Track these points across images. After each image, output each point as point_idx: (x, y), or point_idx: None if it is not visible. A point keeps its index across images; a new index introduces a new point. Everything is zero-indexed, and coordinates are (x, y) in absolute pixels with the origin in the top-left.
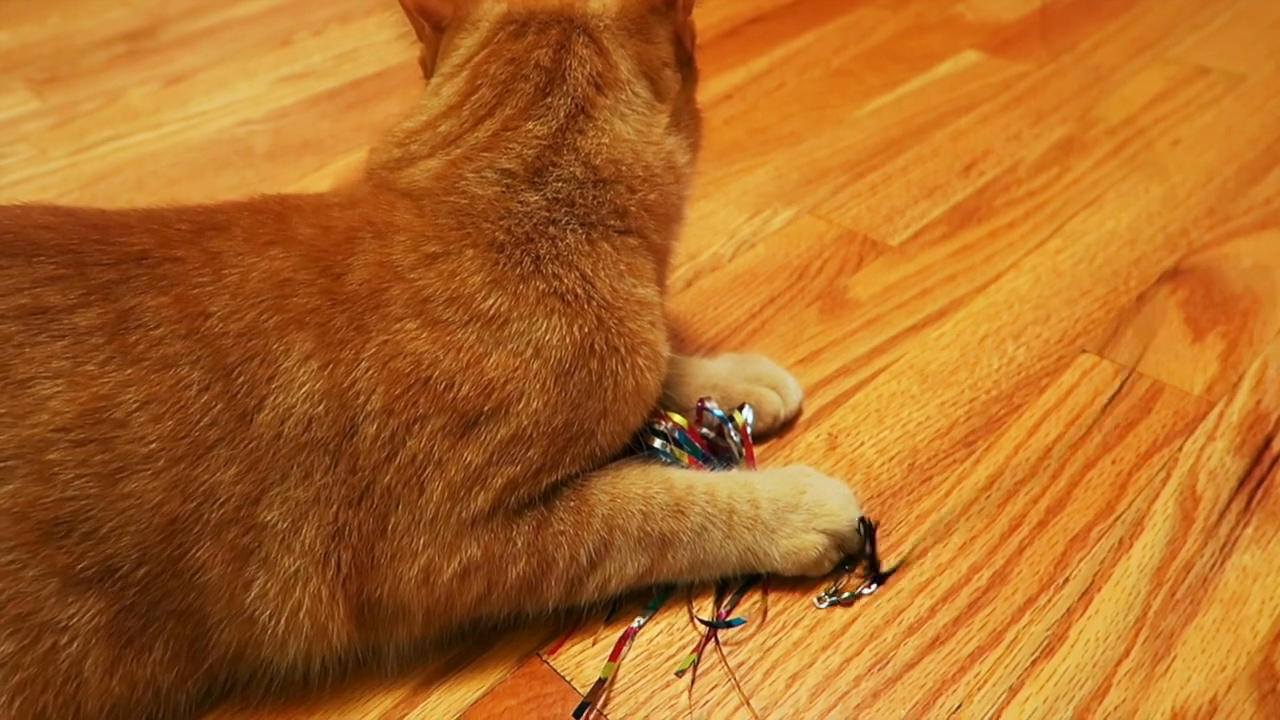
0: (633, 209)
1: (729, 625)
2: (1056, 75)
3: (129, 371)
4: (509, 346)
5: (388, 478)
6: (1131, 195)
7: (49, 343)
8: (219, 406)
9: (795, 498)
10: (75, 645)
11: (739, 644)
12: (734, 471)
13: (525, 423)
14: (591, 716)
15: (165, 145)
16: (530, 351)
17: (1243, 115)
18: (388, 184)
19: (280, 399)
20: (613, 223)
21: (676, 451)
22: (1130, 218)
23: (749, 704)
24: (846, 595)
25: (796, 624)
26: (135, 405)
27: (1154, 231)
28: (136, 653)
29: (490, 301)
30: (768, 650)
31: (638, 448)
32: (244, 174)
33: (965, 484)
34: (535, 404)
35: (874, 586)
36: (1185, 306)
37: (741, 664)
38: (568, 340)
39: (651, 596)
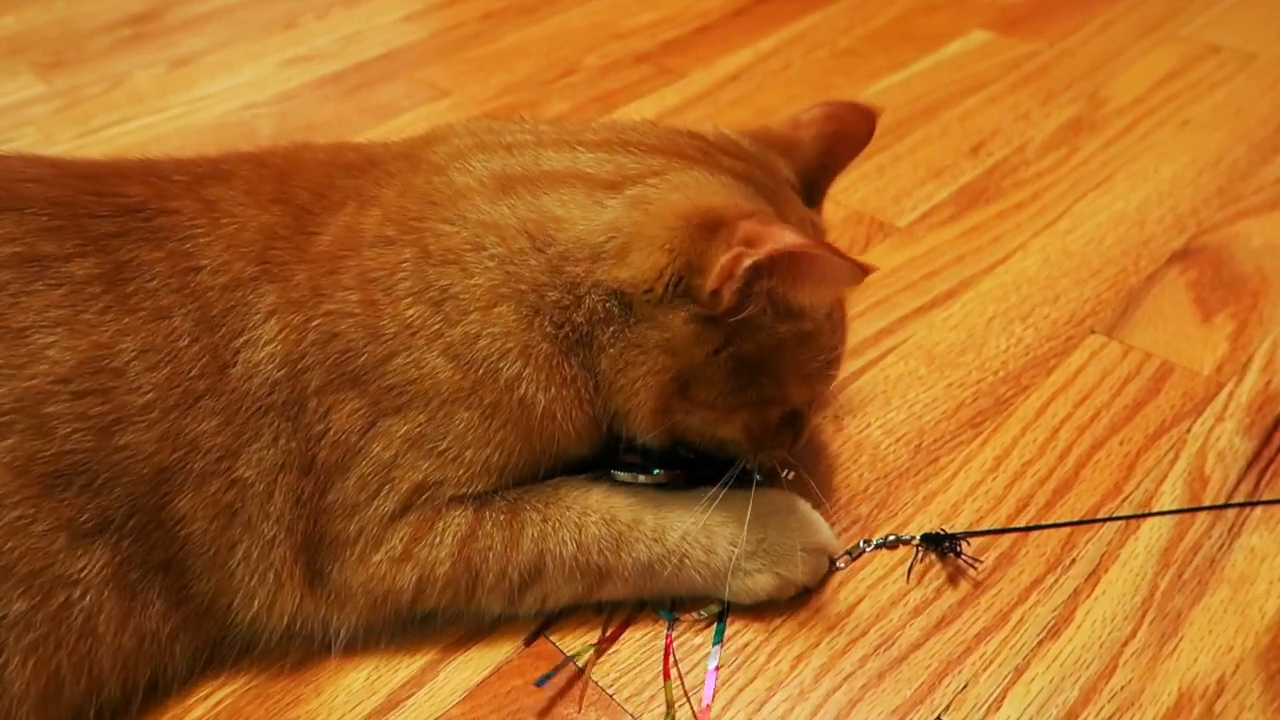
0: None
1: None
2: (1066, 54)
3: (126, 320)
4: (413, 355)
5: (324, 453)
6: (1141, 175)
7: (46, 291)
8: (206, 358)
9: (754, 545)
10: (89, 599)
11: (745, 624)
12: (697, 506)
13: (419, 430)
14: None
15: (171, 128)
16: (426, 370)
17: (1254, 94)
18: (413, 154)
19: (249, 354)
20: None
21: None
22: (1140, 198)
23: (686, 699)
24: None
25: (802, 605)
26: (133, 354)
27: (1164, 212)
28: (142, 605)
29: (410, 310)
30: (773, 630)
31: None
32: None
33: (972, 465)
34: (422, 418)
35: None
36: (1195, 287)
37: (747, 644)
38: (456, 376)
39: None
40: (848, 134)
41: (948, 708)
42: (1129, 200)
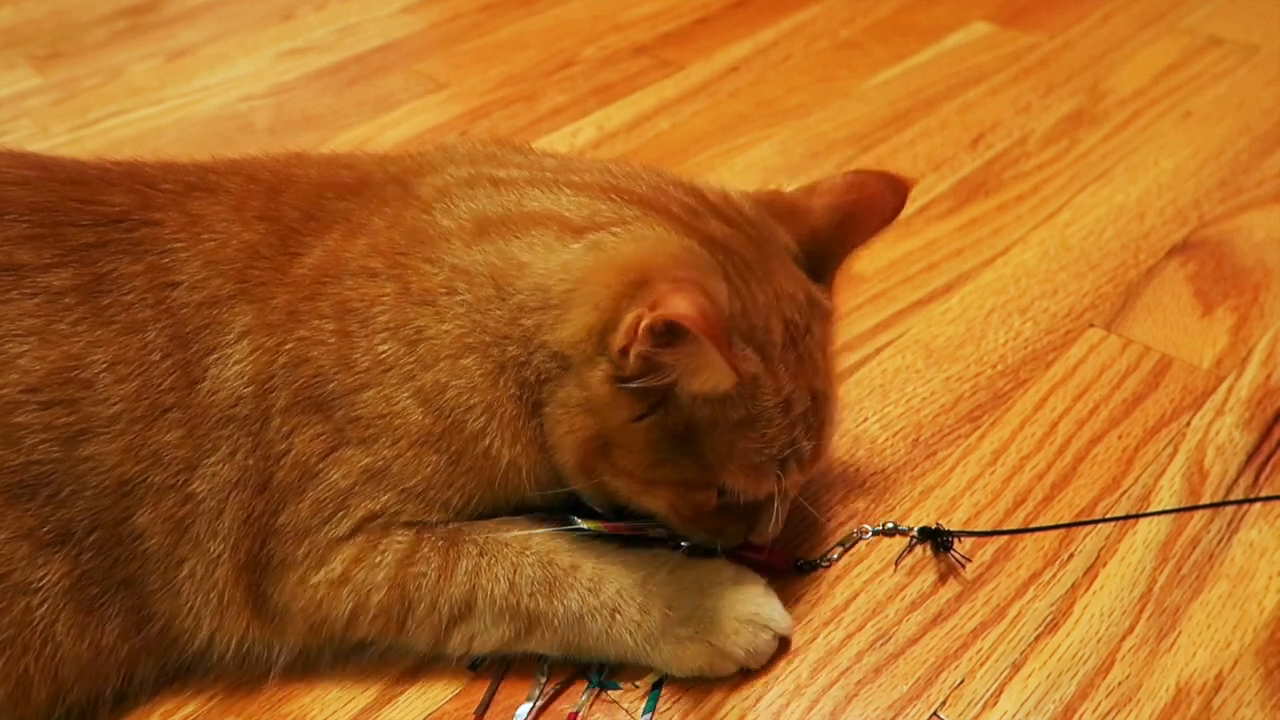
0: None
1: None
2: (1067, 47)
3: (100, 332)
4: (384, 391)
5: (281, 473)
6: (1142, 168)
7: (20, 300)
8: (177, 374)
9: (690, 610)
10: (46, 607)
11: None
12: (641, 562)
13: (381, 464)
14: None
15: (167, 121)
16: (397, 409)
17: (1256, 87)
18: (406, 181)
19: (218, 371)
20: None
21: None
22: (1140, 191)
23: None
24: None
25: (798, 599)
26: (103, 366)
27: (1164, 205)
28: (99, 620)
29: (384, 346)
30: None
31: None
32: (246, 149)
33: (970, 459)
34: (387, 453)
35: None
36: (1195, 280)
37: None
38: (427, 421)
39: None
40: (870, 205)
41: (944, 703)
42: (1129, 193)
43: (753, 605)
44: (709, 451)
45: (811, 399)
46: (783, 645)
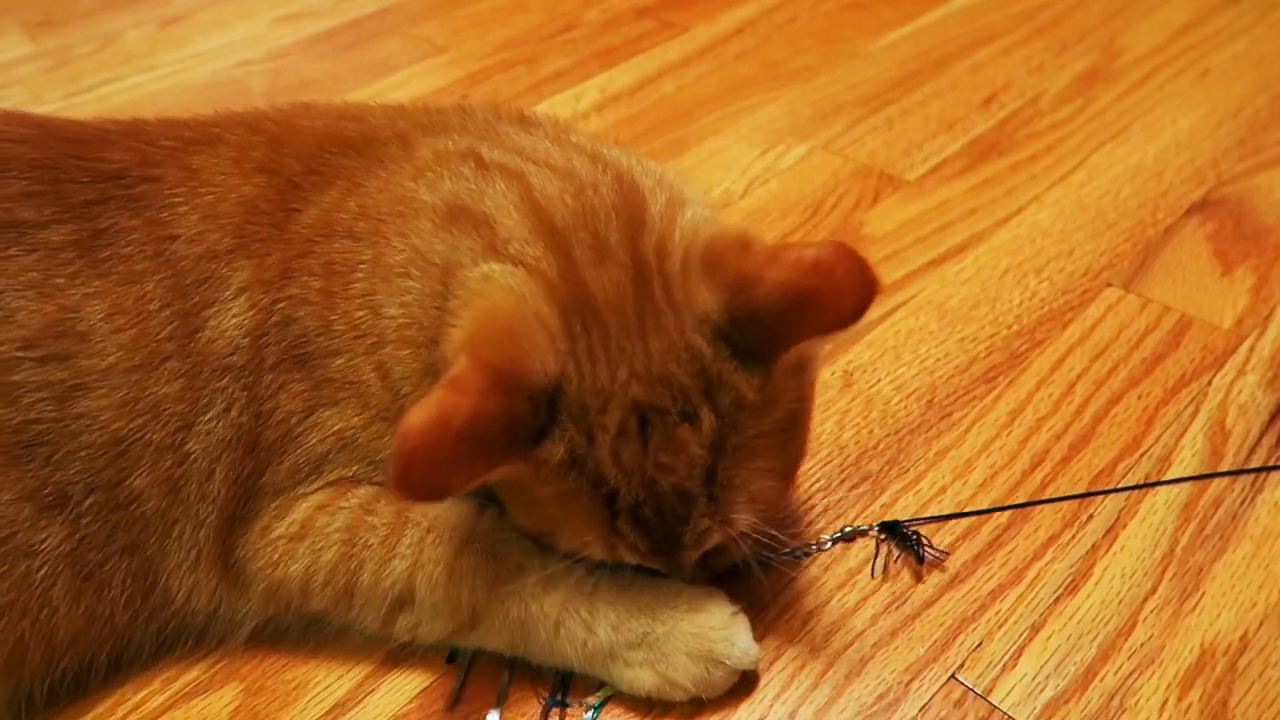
0: None
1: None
2: (1081, 4)
3: (97, 284)
4: (354, 360)
5: (269, 432)
6: (1158, 126)
7: (20, 257)
8: (176, 323)
9: (639, 635)
10: (45, 571)
11: (753, 584)
12: (591, 571)
13: (351, 432)
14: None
15: (162, 87)
16: (363, 378)
17: (1274, 44)
18: (410, 139)
19: (216, 322)
20: None
21: None
22: (1157, 149)
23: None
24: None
25: (812, 562)
26: (100, 317)
27: (1182, 163)
28: (97, 587)
29: (359, 313)
30: (782, 588)
31: None
32: None
33: (986, 420)
34: (356, 421)
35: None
36: (1214, 239)
37: (755, 603)
38: (386, 396)
39: None
40: (826, 301)
41: (962, 665)
42: (1146, 152)
43: (707, 641)
44: (539, 512)
45: (653, 497)
46: (794, 608)
